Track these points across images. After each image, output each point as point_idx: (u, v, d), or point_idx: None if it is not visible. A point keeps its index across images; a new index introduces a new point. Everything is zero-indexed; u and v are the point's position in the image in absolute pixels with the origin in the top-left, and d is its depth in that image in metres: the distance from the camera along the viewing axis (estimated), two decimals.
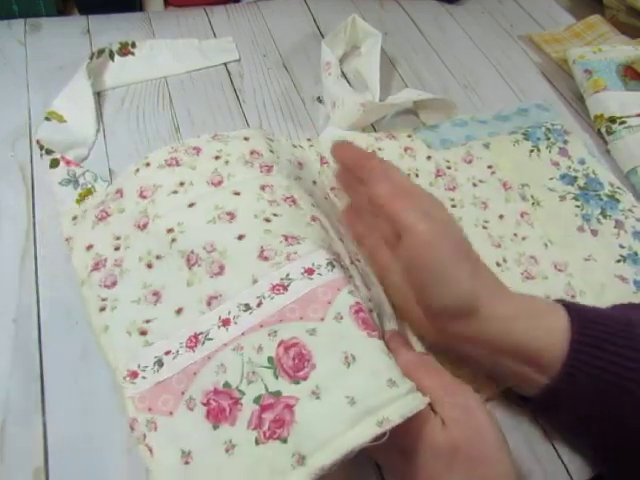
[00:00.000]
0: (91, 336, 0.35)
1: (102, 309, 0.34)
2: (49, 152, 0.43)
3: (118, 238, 0.36)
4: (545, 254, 0.44)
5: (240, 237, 0.34)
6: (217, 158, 0.39)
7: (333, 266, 0.32)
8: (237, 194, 0.36)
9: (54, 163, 0.42)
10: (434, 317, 0.33)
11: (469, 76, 0.60)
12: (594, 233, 0.46)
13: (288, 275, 0.32)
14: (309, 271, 0.32)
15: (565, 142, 0.53)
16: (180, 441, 0.29)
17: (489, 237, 0.44)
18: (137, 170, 0.39)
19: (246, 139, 0.41)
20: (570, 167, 0.51)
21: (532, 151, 0.52)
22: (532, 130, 0.53)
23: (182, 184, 0.37)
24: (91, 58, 0.50)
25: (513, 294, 0.33)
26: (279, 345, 0.29)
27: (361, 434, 0.26)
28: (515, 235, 0.45)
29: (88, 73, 0.48)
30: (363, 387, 0.28)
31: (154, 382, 0.30)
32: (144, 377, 0.31)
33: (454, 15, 0.69)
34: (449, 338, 0.33)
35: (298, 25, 0.62)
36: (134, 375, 0.31)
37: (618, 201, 0.49)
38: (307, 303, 0.31)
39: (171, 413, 0.29)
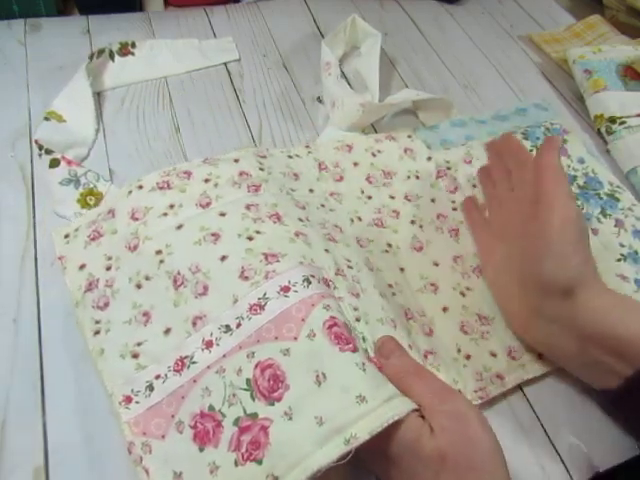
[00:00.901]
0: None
1: (97, 332, 0.34)
2: (49, 152, 0.43)
3: (110, 258, 0.37)
4: None
5: (223, 258, 0.35)
6: (207, 181, 0.40)
7: (309, 282, 0.33)
8: (223, 215, 0.37)
9: (54, 163, 0.42)
10: (534, 294, 0.35)
11: (469, 76, 0.60)
12: (594, 232, 0.46)
13: (265, 294, 0.32)
14: (285, 289, 0.33)
15: (564, 141, 0.53)
16: (172, 463, 0.30)
17: None
18: (130, 192, 0.40)
19: (236, 161, 0.42)
20: (569, 166, 0.51)
21: (531, 151, 0.51)
22: (531, 130, 0.53)
23: (172, 206, 0.38)
24: (91, 58, 0.50)
25: (610, 290, 0.35)
26: (256, 366, 0.30)
27: (328, 453, 0.26)
28: None
29: (88, 73, 0.48)
30: (332, 406, 0.28)
31: (146, 406, 0.31)
32: (137, 402, 0.31)
33: (454, 15, 0.69)
34: (541, 322, 0.35)
35: (298, 25, 0.62)
36: (128, 400, 0.32)
37: (618, 200, 0.49)
38: (282, 322, 0.31)
39: (163, 436, 0.30)
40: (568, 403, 0.37)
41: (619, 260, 0.45)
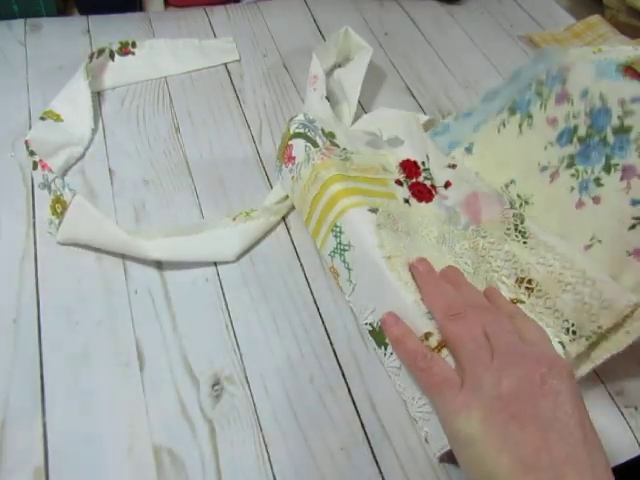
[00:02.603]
0: (91, 336, 0.35)
1: None
2: (32, 154, 0.42)
3: None
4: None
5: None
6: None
7: None
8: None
9: (34, 166, 0.42)
10: None
11: (469, 76, 0.60)
12: (596, 201, 0.38)
13: None
14: None
15: (564, 81, 0.44)
16: None
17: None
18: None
19: None
20: (569, 113, 0.42)
21: (521, 124, 0.45)
22: (520, 98, 0.46)
23: None
24: (91, 57, 0.50)
25: None
26: None
27: None
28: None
29: (87, 72, 0.48)
30: None
31: None
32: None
33: (454, 15, 0.69)
34: None
35: (298, 25, 0.62)
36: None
37: (629, 130, 0.38)
38: None
39: None
40: None
41: (632, 227, 0.36)
